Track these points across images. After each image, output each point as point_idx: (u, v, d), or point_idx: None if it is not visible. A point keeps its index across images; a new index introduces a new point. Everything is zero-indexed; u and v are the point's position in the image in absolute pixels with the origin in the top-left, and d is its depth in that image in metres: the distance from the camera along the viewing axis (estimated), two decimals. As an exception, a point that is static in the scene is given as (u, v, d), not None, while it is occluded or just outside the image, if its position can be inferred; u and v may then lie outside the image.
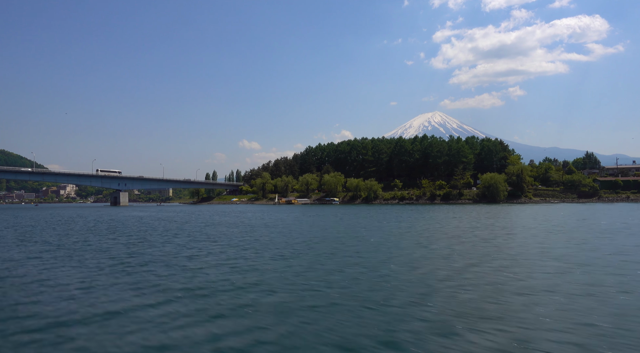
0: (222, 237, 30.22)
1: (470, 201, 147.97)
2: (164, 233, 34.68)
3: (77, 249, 23.75)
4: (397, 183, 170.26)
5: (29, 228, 41.98)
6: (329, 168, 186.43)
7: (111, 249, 23.59)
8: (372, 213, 68.06)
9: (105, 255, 21.29)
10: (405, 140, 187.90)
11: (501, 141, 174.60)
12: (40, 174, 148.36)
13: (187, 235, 32.59)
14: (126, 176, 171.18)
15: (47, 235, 33.72)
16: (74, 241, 28.43)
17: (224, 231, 35.13)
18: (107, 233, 34.28)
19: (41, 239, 30.03)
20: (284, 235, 31.69)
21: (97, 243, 26.60)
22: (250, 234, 32.67)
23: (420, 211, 74.55)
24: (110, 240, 28.69)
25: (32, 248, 24.76)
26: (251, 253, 21.45)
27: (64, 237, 31.52)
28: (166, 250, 23.23)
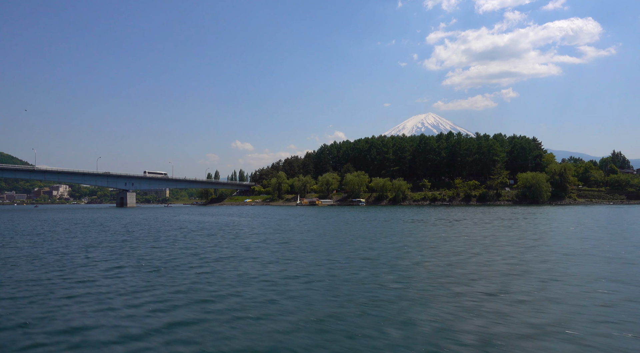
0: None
1: (510, 202, 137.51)
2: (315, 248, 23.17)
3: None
4: (425, 182, 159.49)
5: (122, 239, 30.21)
6: (349, 167, 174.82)
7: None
8: (429, 217, 56.61)
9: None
10: (429, 138, 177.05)
11: (534, 138, 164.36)
12: (42, 172, 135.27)
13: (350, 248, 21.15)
14: (133, 175, 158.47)
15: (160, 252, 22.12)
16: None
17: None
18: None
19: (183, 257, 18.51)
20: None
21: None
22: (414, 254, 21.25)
23: (485, 215, 63.19)
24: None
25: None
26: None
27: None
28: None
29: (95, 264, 17.88)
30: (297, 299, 11.61)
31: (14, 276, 15.20)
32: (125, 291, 12.56)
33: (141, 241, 27.60)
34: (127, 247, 24.01)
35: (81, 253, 21.53)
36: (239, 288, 13.05)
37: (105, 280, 14.43)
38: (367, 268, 16.31)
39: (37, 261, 18.78)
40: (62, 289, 12.98)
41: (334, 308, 10.62)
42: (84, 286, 13.45)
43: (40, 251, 22.27)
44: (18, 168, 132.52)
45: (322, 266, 16.82)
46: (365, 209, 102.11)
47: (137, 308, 10.70)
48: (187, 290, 12.81)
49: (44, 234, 33.64)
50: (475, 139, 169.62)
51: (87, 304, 11.19)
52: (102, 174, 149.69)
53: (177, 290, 12.78)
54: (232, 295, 12.11)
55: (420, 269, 16.13)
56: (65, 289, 12.98)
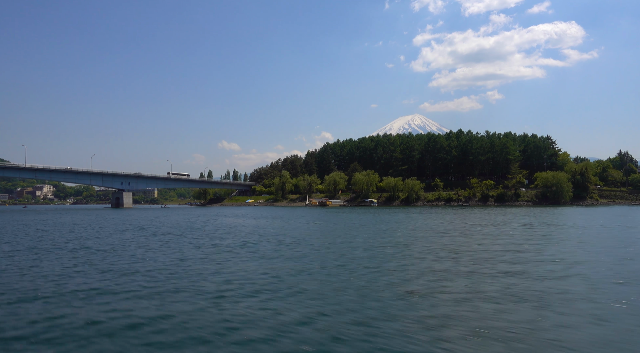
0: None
1: (529, 202, 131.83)
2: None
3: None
4: (438, 182, 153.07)
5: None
6: (356, 166, 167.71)
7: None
8: (473, 221, 49.85)
9: None
10: (439, 136, 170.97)
11: (548, 136, 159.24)
12: (33, 170, 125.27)
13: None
14: (129, 174, 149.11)
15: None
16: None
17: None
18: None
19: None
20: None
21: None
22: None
23: (538, 218, 56.66)
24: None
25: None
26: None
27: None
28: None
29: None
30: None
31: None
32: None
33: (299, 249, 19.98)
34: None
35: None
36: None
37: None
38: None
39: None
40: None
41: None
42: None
43: (183, 282, 14.17)
44: (7, 166, 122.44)
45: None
46: (386, 210, 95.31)
47: None
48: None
49: (116, 248, 25.67)
50: (487, 137, 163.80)
51: None
52: (97, 173, 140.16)
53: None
54: None
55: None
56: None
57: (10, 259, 18.82)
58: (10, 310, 10.33)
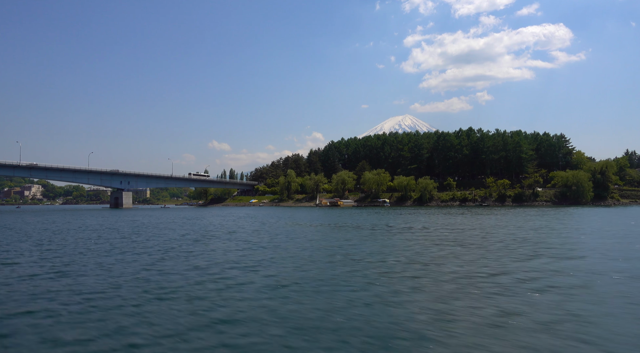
0: None
1: (549, 202, 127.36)
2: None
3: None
4: (451, 181, 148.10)
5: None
6: (364, 165, 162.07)
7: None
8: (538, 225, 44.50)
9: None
10: (449, 134, 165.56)
11: (562, 135, 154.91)
12: (28, 168, 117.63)
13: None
14: (129, 172, 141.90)
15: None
16: None
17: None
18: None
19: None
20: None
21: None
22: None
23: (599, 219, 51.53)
24: None
25: None
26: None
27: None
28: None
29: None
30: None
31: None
32: None
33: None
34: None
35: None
36: None
37: None
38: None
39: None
40: None
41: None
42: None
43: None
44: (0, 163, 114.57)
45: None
46: (409, 211, 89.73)
47: None
48: None
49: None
50: (499, 135, 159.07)
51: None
52: (95, 172, 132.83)
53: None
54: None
55: None
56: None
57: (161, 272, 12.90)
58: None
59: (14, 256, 19.47)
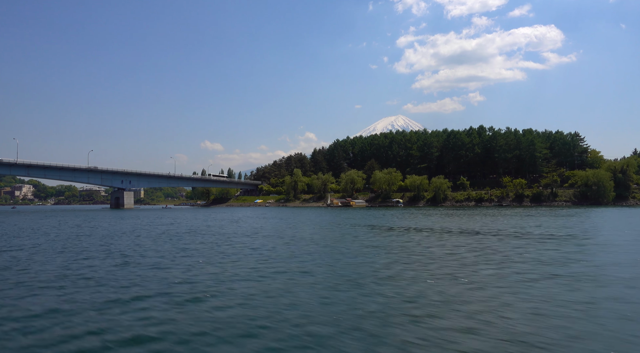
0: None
1: (568, 203, 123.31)
2: None
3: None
4: (464, 181, 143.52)
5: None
6: (373, 164, 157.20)
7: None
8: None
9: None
10: (459, 132, 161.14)
11: (576, 133, 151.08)
12: (25, 167, 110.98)
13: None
14: (130, 171, 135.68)
15: None
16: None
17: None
18: None
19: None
20: None
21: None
22: None
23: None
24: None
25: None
26: None
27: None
28: None
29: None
30: None
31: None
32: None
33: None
34: None
35: None
36: None
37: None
38: None
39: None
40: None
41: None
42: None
43: None
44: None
45: None
46: (434, 212, 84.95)
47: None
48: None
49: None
50: (510, 133, 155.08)
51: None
52: (96, 170, 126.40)
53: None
54: None
55: None
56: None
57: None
58: None
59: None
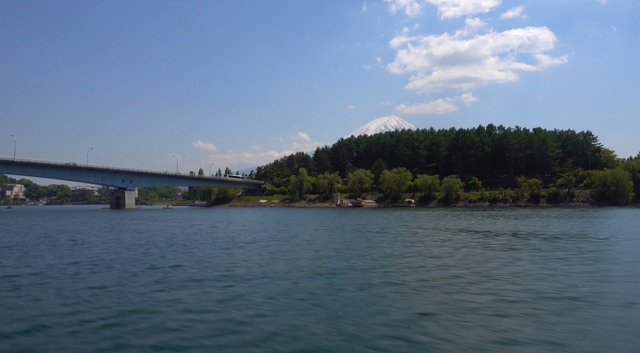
0: None
1: (586, 203, 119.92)
2: None
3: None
4: (476, 181, 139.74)
5: None
6: (381, 164, 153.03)
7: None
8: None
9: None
10: (468, 131, 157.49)
11: (589, 132, 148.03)
12: (23, 165, 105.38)
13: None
14: (132, 170, 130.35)
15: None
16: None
17: None
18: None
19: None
20: None
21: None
22: None
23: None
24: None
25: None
26: None
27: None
28: None
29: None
30: None
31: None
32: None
33: None
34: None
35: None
36: None
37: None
38: None
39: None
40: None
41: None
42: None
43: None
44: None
45: None
46: (445, 212, 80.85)
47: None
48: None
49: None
50: (520, 133, 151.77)
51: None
52: (96, 169, 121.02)
53: None
54: None
55: None
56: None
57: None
58: None
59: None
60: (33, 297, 11.41)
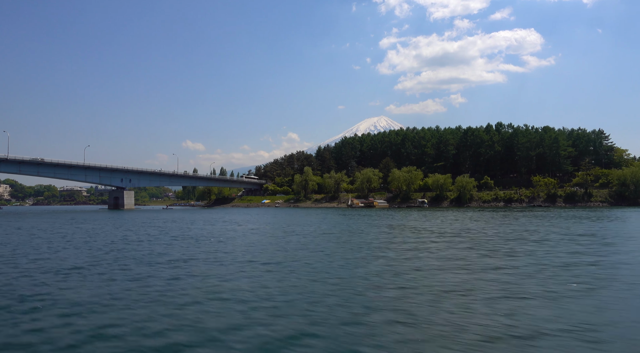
0: None
1: (605, 203, 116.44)
2: None
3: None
4: (488, 180, 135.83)
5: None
6: (389, 162, 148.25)
7: None
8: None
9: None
10: (477, 129, 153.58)
11: (601, 130, 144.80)
12: (17, 163, 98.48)
13: None
14: (131, 169, 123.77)
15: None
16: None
17: None
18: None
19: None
20: None
21: None
22: None
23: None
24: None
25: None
26: None
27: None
28: None
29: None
30: None
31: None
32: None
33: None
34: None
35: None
36: None
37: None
38: None
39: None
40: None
41: None
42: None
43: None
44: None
45: None
46: (485, 215, 76.42)
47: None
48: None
49: None
50: (530, 131, 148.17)
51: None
52: (94, 167, 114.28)
53: None
54: None
55: None
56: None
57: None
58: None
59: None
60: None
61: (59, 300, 10.98)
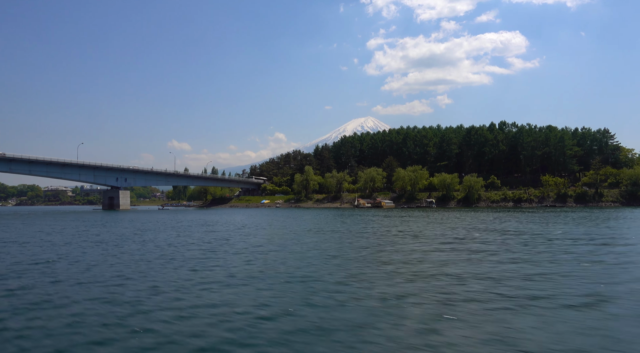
0: None
1: (616, 203, 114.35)
2: None
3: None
4: (495, 180, 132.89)
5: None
6: (392, 162, 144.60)
7: None
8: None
9: None
10: (480, 128, 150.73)
11: (607, 129, 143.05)
12: (7, 161, 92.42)
13: None
14: (127, 168, 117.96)
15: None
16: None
17: None
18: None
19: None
20: None
21: None
22: None
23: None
24: None
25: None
26: None
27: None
28: None
29: None
30: None
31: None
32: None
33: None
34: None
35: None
36: None
37: None
38: None
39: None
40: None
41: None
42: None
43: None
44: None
45: None
46: (516, 216, 73.06)
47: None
48: None
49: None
50: (533, 130, 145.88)
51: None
52: (88, 166, 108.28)
53: None
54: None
55: None
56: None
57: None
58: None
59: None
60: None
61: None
